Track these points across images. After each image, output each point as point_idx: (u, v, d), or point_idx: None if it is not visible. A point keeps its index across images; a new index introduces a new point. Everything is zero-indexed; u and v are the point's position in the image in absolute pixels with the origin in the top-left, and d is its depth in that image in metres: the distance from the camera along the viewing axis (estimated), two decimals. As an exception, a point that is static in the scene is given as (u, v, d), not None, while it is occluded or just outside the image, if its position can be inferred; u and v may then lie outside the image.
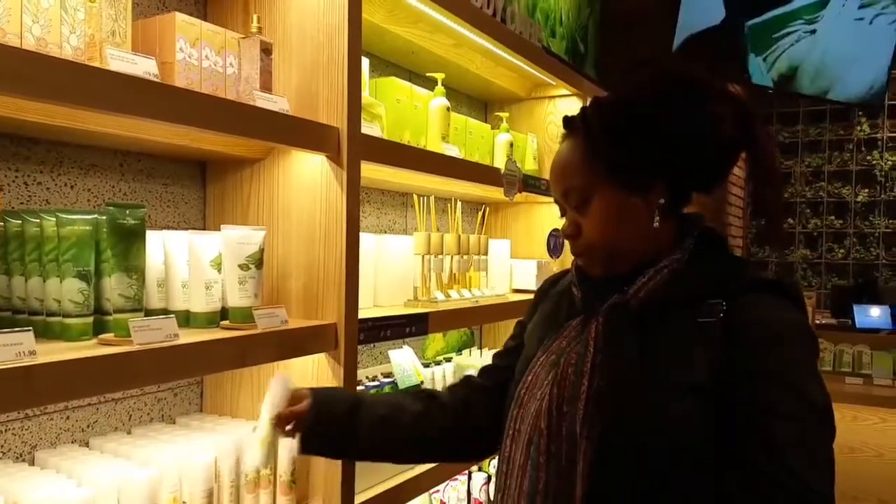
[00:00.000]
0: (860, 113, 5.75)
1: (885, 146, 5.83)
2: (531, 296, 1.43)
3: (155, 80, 1.17)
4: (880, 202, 5.88)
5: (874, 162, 5.85)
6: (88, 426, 1.47)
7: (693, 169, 1.14)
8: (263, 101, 1.38)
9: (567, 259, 2.73)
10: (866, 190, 5.91)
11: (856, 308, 4.65)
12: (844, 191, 5.96)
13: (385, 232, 2.35)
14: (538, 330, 1.29)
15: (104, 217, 1.21)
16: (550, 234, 2.74)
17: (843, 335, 4.46)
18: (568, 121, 1.20)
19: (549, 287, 1.38)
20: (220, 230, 1.40)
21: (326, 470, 1.53)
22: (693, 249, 1.12)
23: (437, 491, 2.23)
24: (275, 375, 1.26)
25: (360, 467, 1.62)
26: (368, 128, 1.62)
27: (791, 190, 6.13)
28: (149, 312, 1.30)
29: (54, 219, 1.21)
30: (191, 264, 1.37)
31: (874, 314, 4.61)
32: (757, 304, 1.06)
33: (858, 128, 5.87)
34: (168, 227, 1.59)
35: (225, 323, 1.39)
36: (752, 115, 1.14)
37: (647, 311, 1.09)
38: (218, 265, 1.38)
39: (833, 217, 6.02)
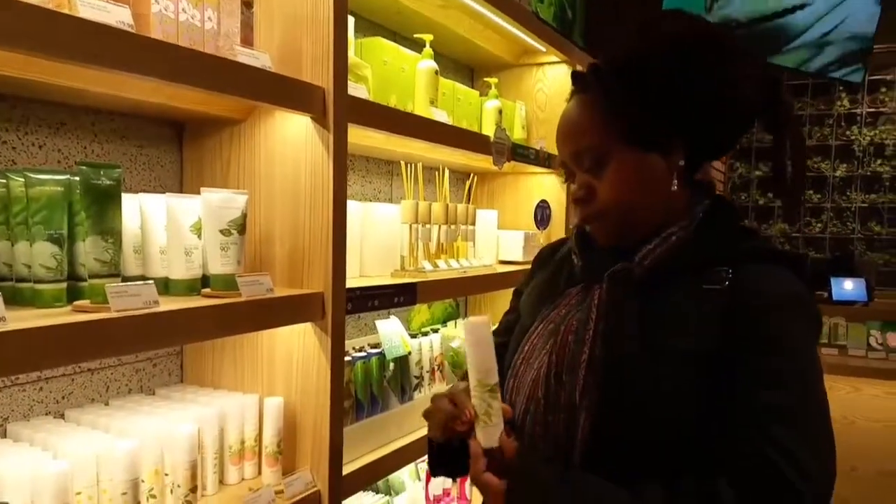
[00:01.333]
0: (841, 88, 5.73)
1: (864, 122, 5.84)
2: (518, 267, 1.37)
3: (130, 30, 1.08)
4: (857, 177, 5.90)
5: (853, 137, 5.86)
6: (63, 397, 1.39)
7: (713, 130, 1.07)
8: (245, 56, 1.30)
9: (554, 231, 2.68)
10: (845, 165, 5.92)
11: (832, 281, 4.67)
12: (824, 165, 5.97)
13: (371, 200, 2.28)
14: (535, 298, 1.23)
15: (77, 177, 1.13)
16: (538, 206, 2.69)
17: (820, 307, 4.46)
18: (579, 76, 1.11)
19: (549, 255, 1.32)
20: (196, 194, 1.32)
21: (313, 441, 1.48)
22: (701, 218, 1.06)
23: (424, 461, 2.19)
24: (469, 323, 1.03)
25: (348, 438, 1.57)
26: (355, 89, 1.54)
27: (771, 164, 6.12)
28: (126, 279, 1.23)
29: (22, 179, 1.13)
30: (169, 229, 1.30)
31: (850, 287, 4.63)
32: (762, 274, 1.02)
33: (839, 103, 5.87)
34: (143, 191, 1.51)
35: (206, 291, 1.32)
36: (776, 78, 1.09)
37: (652, 279, 1.04)
38: (198, 230, 1.31)
39: (811, 191, 6.03)
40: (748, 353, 0.96)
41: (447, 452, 1.14)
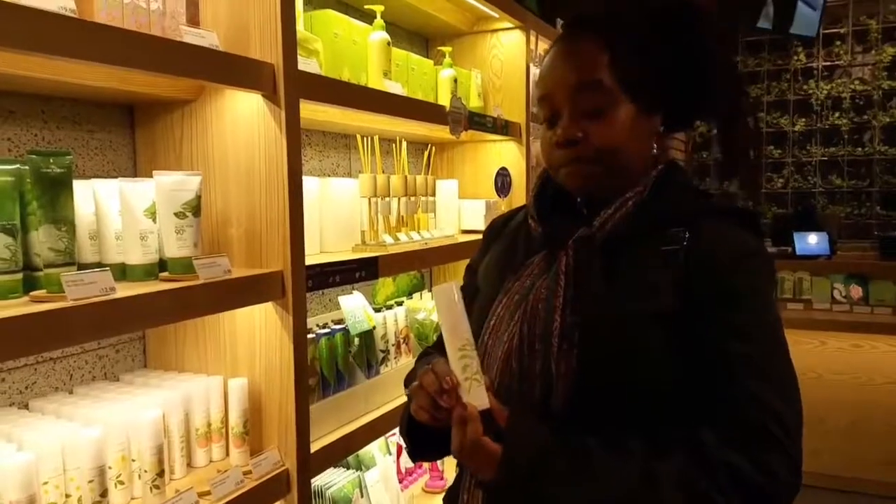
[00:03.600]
0: (797, 43, 5.83)
1: (821, 76, 5.95)
2: (480, 236, 1.40)
3: (72, 15, 1.09)
4: (817, 131, 6.03)
5: (810, 91, 5.97)
6: (27, 388, 1.41)
7: (692, 99, 1.14)
8: (191, 36, 1.31)
9: (515, 198, 2.73)
10: (803, 119, 6.04)
11: (796, 235, 4.80)
12: (783, 121, 6.08)
13: (328, 175, 2.30)
14: (495, 270, 1.26)
15: (27, 166, 1.14)
16: (498, 173, 2.73)
17: (784, 263, 4.62)
18: (583, 21, 1.13)
19: (502, 226, 1.35)
20: (151, 178, 1.33)
21: (280, 419, 1.52)
22: (655, 182, 1.11)
23: (394, 434, 2.25)
24: (436, 290, 1.06)
25: (315, 415, 1.62)
26: (305, 64, 1.55)
27: (732, 122, 6.21)
28: (82, 266, 1.24)
29: (-30, 170, 1.13)
30: (123, 214, 1.31)
31: (813, 241, 4.76)
32: (718, 231, 1.07)
33: (795, 58, 5.96)
34: (97, 176, 1.51)
35: (164, 275, 1.34)
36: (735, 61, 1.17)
37: (614, 243, 1.08)
38: (152, 214, 1.32)
39: (772, 147, 6.15)
40: (713, 308, 1.01)
41: (430, 436, 1.13)
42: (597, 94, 1.08)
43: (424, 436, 1.15)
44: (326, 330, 1.84)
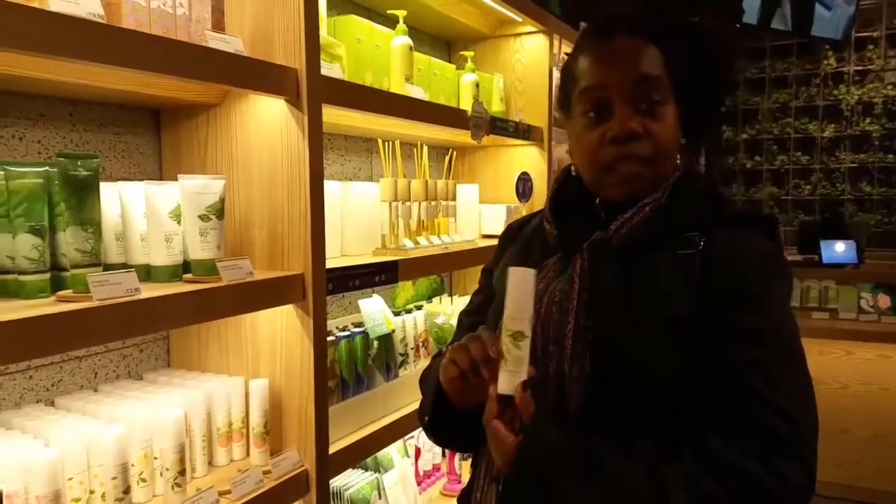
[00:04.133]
0: (827, 47, 5.77)
1: (852, 80, 5.88)
2: (500, 241, 1.41)
3: (100, 20, 1.12)
4: (846, 137, 5.96)
5: (840, 97, 5.90)
6: (53, 385, 1.45)
7: (707, 113, 1.17)
8: (217, 41, 1.34)
9: (536, 203, 2.73)
10: (833, 125, 5.97)
11: (822, 244, 4.74)
12: (811, 126, 6.02)
13: (350, 179, 2.32)
14: None
15: (55, 169, 1.17)
16: (519, 178, 2.74)
17: (810, 271, 4.56)
18: (629, 24, 1.13)
19: (517, 230, 1.36)
20: (177, 180, 1.36)
21: (300, 420, 1.54)
22: (673, 188, 1.11)
23: (412, 437, 2.26)
24: (514, 269, 1.03)
25: (334, 416, 1.64)
26: (328, 69, 1.58)
27: (758, 126, 6.18)
28: (108, 267, 1.28)
29: (3, 172, 1.17)
30: (149, 216, 1.35)
31: (840, 249, 4.70)
32: (734, 237, 1.07)
33: (825, 62, 5.90)
34: (123, 179, 1.55)
35: (188, 276, 1.37)
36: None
37: (629, 248, 1.09)
38: (177, 217, 1.35)
39: (800, 153, 6.09)
40: (728, 314, 1.01)
41: (454, 411, 1.12)
42: (657, 89, 1.09)
43: (448, 410, 1.13)
44: (346, 333, 1.86)
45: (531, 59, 2.79)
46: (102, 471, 1.24)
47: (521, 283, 1.02)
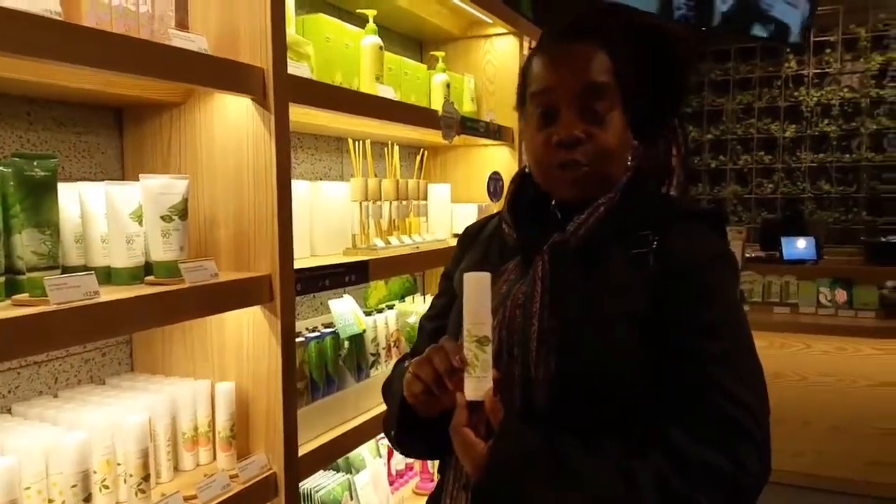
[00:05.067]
0: (788, 50, 5.83)
1: (811, 83, 5.95)
2: (472, 241, 1.37)
3: (57, 17, 1.06)
4: (806, 137, 6.03)
5: (801, 98, 5.97)
6: (10, 391, 1.38)
7: (654, 116, 1.16)
8: (180, 40, 1.28)
9: (507, 201, 2.69)
10: (793, 126, 6.04)
11: (784, 240, 4.79)
12: (773, 127, 6.08)
13: (321, 179, 2.27)
14: None
15: (10, 169, 1.11)
16: (490, 177, 2.70)
17: (772, 267, 4.61)
18: (584, 29, 1.11)
19: (476, 233, 1.33)
20: (139, 181, 1.30)
21: (268, 423, 1.49)
22: (625, 188, 1.11)
23: (384, 437, 2.22)
24: (468, 275, 1.01)
25: (304, 418, 1.59)
26: (296, 68, 1.52)
27: (722, 127, 6.22)
28: (67, 269, 1.22)
29: (-48, 172, 1.10)
30: (109, 217, 1.28)
31: (800, 246, 4.75)
32: (684, 233, 1.08)
33: (786, 65, 5.96)
34: (84, 179, 1.48)
35: (150, 278, 1.31)
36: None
37: (587, 248, 1.09)
38: (139, 217, 1.30)
39: (762, 153, 6.14)
40: (682, 308, 1.02)
41: (420, 423, 1.10)
42: (602, 97, 1.08)
43: (414, 421, 1.11)
44: (316, 334, 1.81)
45: (501, 60, 2.75)
46: (62, 478, 1.18)
47: (477, 287, 1.00)
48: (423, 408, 1.06)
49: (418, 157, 2.29)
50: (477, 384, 0.98)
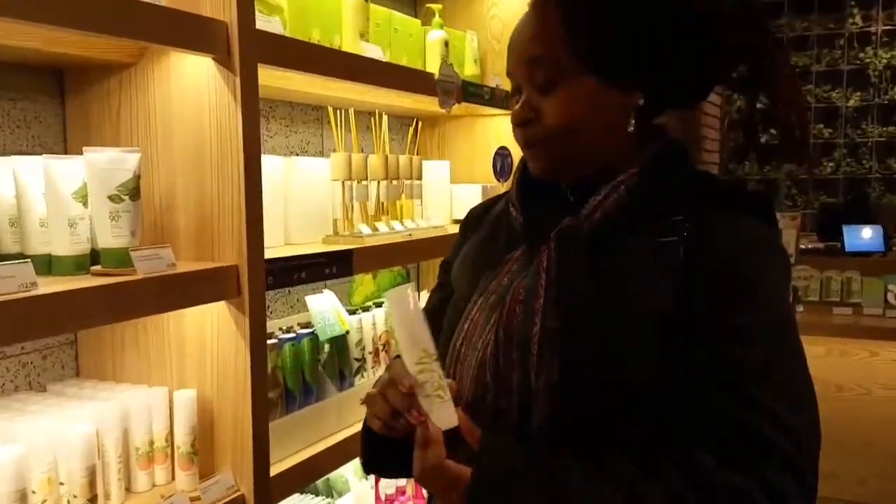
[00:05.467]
0: (853, 3, 5.81)
1: (880, 42, 5.93)
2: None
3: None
4: (874, 107, 6.01)
5: (867, 60, 5.95)
6: (-66, 400, 1.41)
7: (684, 70, 1.11)
8: (130, -10, 1.30)
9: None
10: (859, 93, 6.02)
11: (846, 229, 4.79)
12: (835, 94, 6.07)
13: (297, 154, 2.29)
14: (470, 266, 1.25)
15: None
16: (497, 153, 2.72)
17: (831, 261, 4.60)
18: None
19: (480, 214, 1.34)
20: (83, 154, 1.33)
21: (235, 437, 1.52)
22: (651, 164, 1.10)
23: (371, 456, 2.24)
24: (389, 296, 1.08)
25: (277, 432, 1.62)
26: (266, 22, 1.55)
27: (774, 95, 6.22)
28: (1, 258, 1.24)
29: None
30: (49, 197, 1.31)
31: (866, 236, 4.76)
32: (723, 220, 1.06)
33: (850, 20, 5.94)
34: (20, 153, 1.51)
35: (96, 268, 1.34)
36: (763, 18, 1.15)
37: (603, 235, 1.08)
38: (83, 198, 1.32)
39: (822, 125, 6.13)
40: (714, 308, 1.01)
41: (386, 445, 1.13)
42: (547, 68, 1.08)
43: (382, 446, 1.15)
44: (291, 335, 1.84)
45: (510, 14, 2.75)
46: (-6, 499, 1.21)
47: (401, 303, 1.05)
48: (392, 435, 1.09)
49: (411, 130, 2.31)
50: (441, 408, 1.01)
